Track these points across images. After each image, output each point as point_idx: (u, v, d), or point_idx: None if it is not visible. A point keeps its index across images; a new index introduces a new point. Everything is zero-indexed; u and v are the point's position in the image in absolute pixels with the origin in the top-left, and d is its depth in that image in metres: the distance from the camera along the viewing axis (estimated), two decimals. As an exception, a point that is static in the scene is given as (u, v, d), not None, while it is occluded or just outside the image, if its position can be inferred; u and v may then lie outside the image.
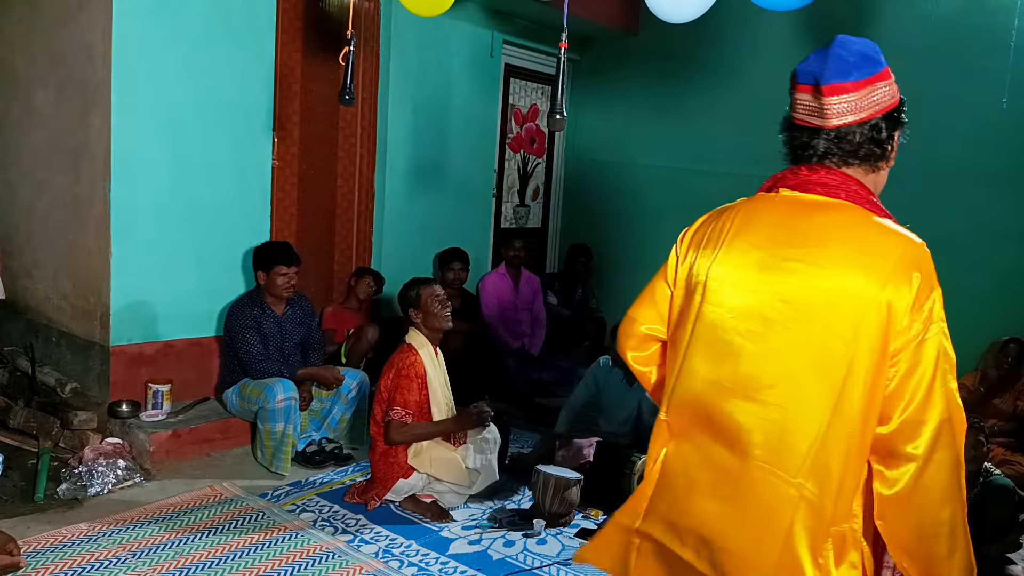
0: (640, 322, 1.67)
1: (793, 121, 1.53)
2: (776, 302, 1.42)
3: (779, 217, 1.49)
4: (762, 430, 1.39)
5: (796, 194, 1.50)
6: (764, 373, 1.41)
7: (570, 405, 4.29)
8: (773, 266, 1.44)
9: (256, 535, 3.26)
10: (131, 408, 3.95)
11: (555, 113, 2.90)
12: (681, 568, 1.49)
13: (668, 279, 1.62)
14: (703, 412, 1.47)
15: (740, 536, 1.41)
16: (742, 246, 1.48)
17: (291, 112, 4.60)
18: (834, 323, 1.36)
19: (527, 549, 3.32)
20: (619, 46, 6.52)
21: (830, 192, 1.46)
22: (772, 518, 1.38)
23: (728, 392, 1.44)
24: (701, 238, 1.56)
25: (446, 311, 3.65)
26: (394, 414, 3.45)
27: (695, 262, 1.54)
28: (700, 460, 1.48)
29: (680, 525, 1.49)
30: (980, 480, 3.46)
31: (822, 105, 1.46)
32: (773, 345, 1.41)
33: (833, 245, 1.40)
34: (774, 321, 1.41)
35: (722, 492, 1.44)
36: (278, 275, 4.04)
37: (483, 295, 5.75)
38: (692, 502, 1.48)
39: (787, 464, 1.37)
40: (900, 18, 5.15)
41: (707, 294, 1.49)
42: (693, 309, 1.52)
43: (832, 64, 1.46)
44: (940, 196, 5.03)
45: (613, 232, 6.61)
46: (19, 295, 4.66)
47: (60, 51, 4.19)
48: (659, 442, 1.57)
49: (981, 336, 4.93)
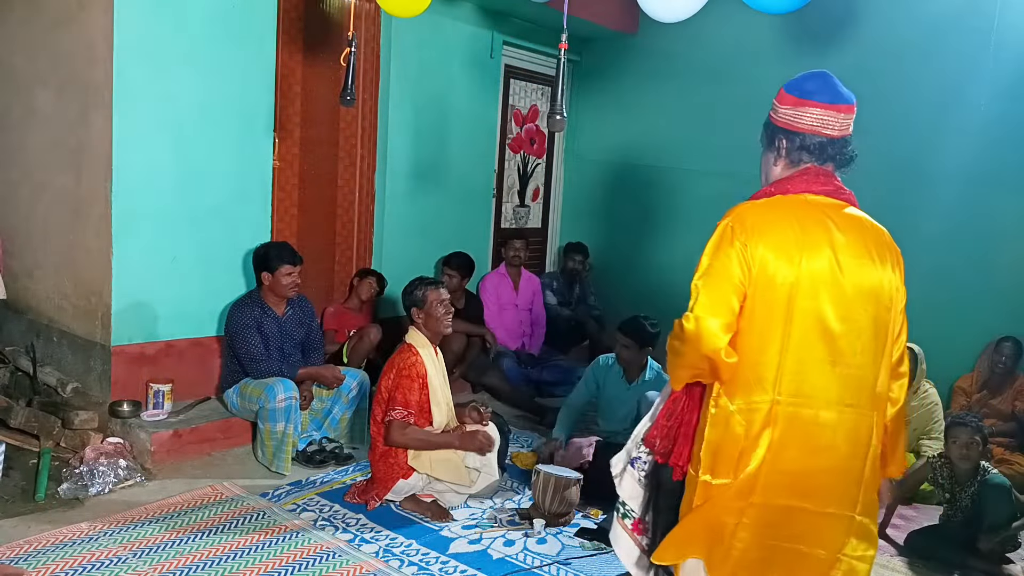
0: (726, 322, 1.87)
1: (797, 129, 1.95)
2: (855, 291, 1.87)
3: (830, 220, 1.90)
4: (851, 386, 1.88)
5: (819, 198, 1.94)
6: (853, 345, 1.87)
7: (569, 404, 4.30)
8: (846, 265, 1.88)
9: (257, 535, 3.27)
10: (132, 408, 3.95)
11: (555, 114, 2.92)
12: (793, 517, 1.89)
13: (741, 282, 1.88)
14: (812, 387, 1.86)
15: (844, 462, 1.88)
16: (819, 249, 1.87)
17: (292, 113, 4.61)
18: (883, 297, 1.91)
19: (527, 549, 3.33)
20: (618, 47, 6.53)
21: (846, 197, 1.97)
22: (861, 441, 1.90)
23: (830, 364, 1.86)
24: (772, 244, 1.87)
25: (449, 317, 3.66)
26: (395, 414, 3.46)
27: (777, 265, 1.86)
28: (811, 424, 1.86)
29: (799, 482, 1.87)
30: (977, 479, 3.47)
31: (840, 120, 1.93)
32: (855, 325, 1.87)
33: (870, 241, 1.93)
34: (854, 306, 1.87)
35: (826, 442, 1.87)
36: (283, 275, 4.05)
37: (483, 295, 5.76)
38: (809, 460, 1.87)
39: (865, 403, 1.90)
40: (895, 19, 5.16)
41: (799, 292, 1.85)
42: (783, 305, 1.85)
43: (839, 90, 1.94)
44: (938, 196, 5.04)
45: (613, 232, 6.62)
46: (20, 295, 4.67)
47: (61, 51, 4.20)
48: (756, 426, 1.87)
49: (979, 336, 4.94)
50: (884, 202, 5.09)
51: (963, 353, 4.98)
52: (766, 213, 1.90)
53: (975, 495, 3.46)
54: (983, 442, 3.49)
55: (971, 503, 3.48)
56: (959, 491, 3.53)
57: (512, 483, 3.99)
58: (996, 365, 4.80)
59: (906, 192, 5.11)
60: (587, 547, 3.36)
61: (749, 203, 1.96)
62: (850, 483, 1.90)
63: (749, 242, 1.85)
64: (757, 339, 1.87)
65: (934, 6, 5.08)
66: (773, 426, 1.86)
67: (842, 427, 1.88)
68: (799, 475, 1.88)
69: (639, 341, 4.03)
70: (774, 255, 1.84)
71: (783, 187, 1.95)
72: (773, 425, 1.86)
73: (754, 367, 1.86)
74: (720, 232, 1.90)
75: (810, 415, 1.86)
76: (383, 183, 5.21)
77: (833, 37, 5.33)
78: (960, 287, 4.94)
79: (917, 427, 4.37)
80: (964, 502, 3.51)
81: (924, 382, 4.38)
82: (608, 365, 4.22)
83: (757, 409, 1.86)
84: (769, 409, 1.85)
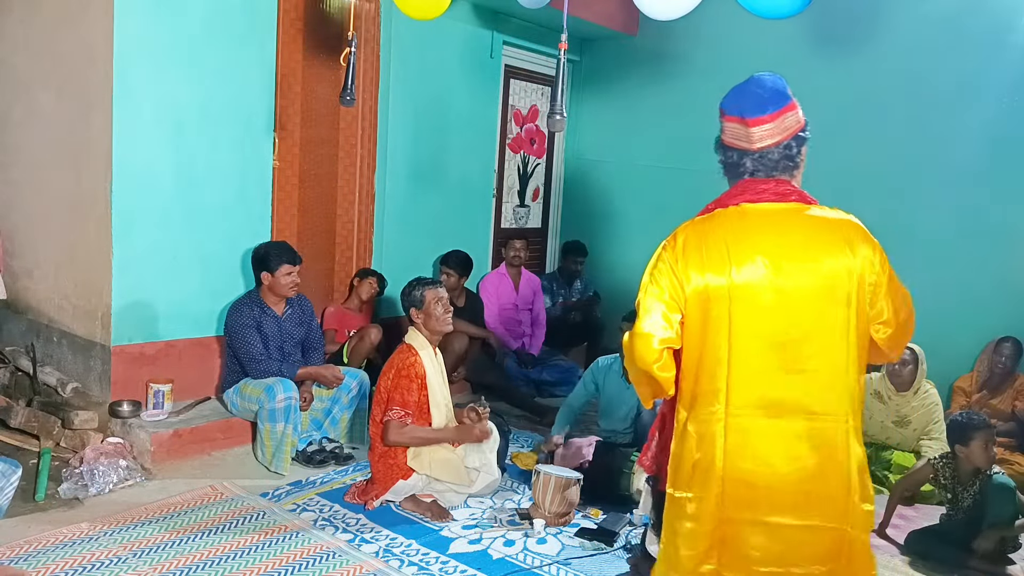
0: (657, 338, 1.89)
1: (723, 143, 1.99)
2: (800, 294, 1.83)
3: (767, 226, 1.89)
4: (814, 393, 1.83)
5: (759, 205, 1.92)
6: (805, 350, 1.82)
7: (569, 405, 4.30)
8: (787, 269, 1.84)
9: (257, 535, 3.27)
10: (132, 408, 3.95)
11: (555, 114, 2.92)
12: (776, 535, 1.84)
13: (673, 299, 1.89)
14: (763, 396, 1.83)
15: (816, 471, 1.82)
16: (750, 257, 1.85)
17: (292, 113, 4.61)
18: (839, 294, 1.83)
19: (527, 549, 3.32)
20: (618, 47, 6.53)
21: (797, 198, 1.93)
22: (838, 448, 1.83)
23: (784, 371, 1.82)
24: (699, 260, 1.88)
25: (448, 315, 3.66)
26: (392, 414, 3.46)
27: (706, 280, 1.86)
28: (767, 435, 1.83)
29: (767, 496, 1.83)
30: (980, 478, 3.46)
31: (748, 133, 1.92)
32: (807, 328, 1.83)
33: (823, 236, 1.86)
34: (802, 309, 1.83)
35: (790, 452, 1.83)
36: (284, 275, 4.05)
37: (483, 295, 5.76)
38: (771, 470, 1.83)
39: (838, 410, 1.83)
40: (898, 19, 5.15)
41: (734, 303, 1.84)
42: (722, 317, 1.85)
43: (751, 101, 1.93)
44: (938, 196, 5.04)
45: (613, 232, 6.61)
46: (20, 295, 4.68)
47: (61, 52, 4.20)
48: (708, 439, 1.86)
49: (979, 336, 4.94)
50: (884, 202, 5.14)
51: (963, 353, 4.98)
52: (698, 230, 1.93)
53: (977, 495, 3.46)
54: (992, 444, 3.49)
55: (973, 503, 3.47)
56: (961, 491, 3.52)
57: (512, 483, 3.99)
58: (996, 365, 4.80)
59: (907, 192, 5.11)
60: (587, 547, 3.35)
61: (688, 222, 2.00)
62: (832, 494, 1.83)
63: (679, 260, 1.90)
64: (701, 353, 1.89)
65: (931, 7, 5.07)
66: (726, 438, 1.85)
67: (808, 437, 1.83)
68: (765, 488, 1.84)
69: None
70: (703, 271, 1.88)
71: (722, 201, 1.98)
72: (726, 437, 1.85)
73: (704, 380, 1.88)
74: (658, 252, 1.97)
75: (764, 425, 1.84)
76: (383, 183, 5.21)
77: (833, 37, 5.33)
78: (960, 287, 4.94)
79: (917, 427, 4.37)
80: (966, 502, 3.50)
81: (924, 382, 4.38)
82: (608, 366, 4.22)
83: (708, 421, 1.87)
84: (722, 421, 1.86)
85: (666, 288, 1.90)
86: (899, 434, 4.40)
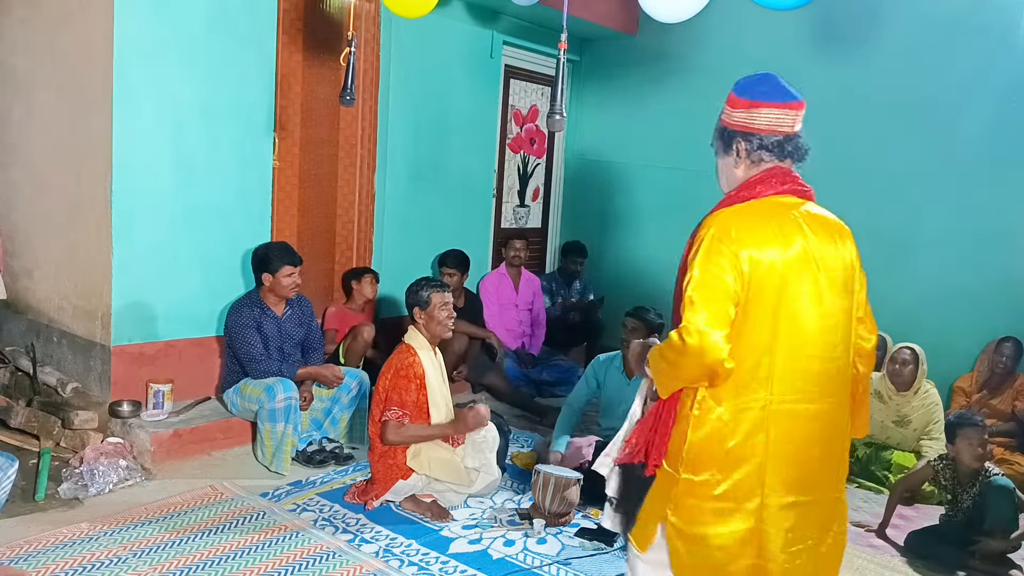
0: (724, 333, 1.88)
1: (754, 130, 2.00)
2: (828, 285, 1.93)
3: (798, 219, 1.95)
4: (832, 380, 1.95)
5: (793, 199, 1.99)
6: (832, 339, 1.93)
7: (569, 404, 4.29)
8: (820, 259, 1.93)
9: (257, 535, 3.27)
10: (132, 408, 3.95)
11: (555, 114, 2.91)
12: (808, 514, 1.94)
13: (733, 290, 1.89)
14: (801, 382, 1.91)
15: (829, 448, 1.96)
16: (795, 249, 1.91)
17: (292, 113, 4.61)
18: (849, 285, 1.97)
19: (527, 549, 3.33)
20: (618, 47, 6.53)
21: (807, 194, 2.02)
22: (840, 427, 2.00)
23: (818, 360, 1.92)
24: (756, 244, 1.90)
25: (450, 321, 3.65)
26: (390, 414, 3.45)
27: (758, 266, 1.89)
28: (803, 419, 1.92)
29: (801, 477, 1.92)
30: (980, 479, 3.47)
31: (795, 116, 1.99)
32: (836, 319, 1.94)
33: (834, 232, 1.99)
34: (833, 299, 1.93)
35: (816, 433, 1.93)
36: (284, 276, 4.05)
37: (483, 295, 5.76)
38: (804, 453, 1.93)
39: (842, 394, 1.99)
40: (898, 19, 5.16)
41: (784, 292, 1.89)
42: (770, 306, 1.89)
43: (784, 89, 2.00)
44: (938, 196, 5.04)
45: (613, 232, 6.62)
46: (20, 295, 4.68)
47: (61, 52, 4.20)
48: (747, 425, 1.90)
49: (979, 336, 4.94)
50: (884, 202, 5.15)
51: (963, 353, 4.98)
52: (745, 219, 1.94)
53: (977, 496, 3.46)
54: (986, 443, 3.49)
55: (973, 504, 3.48)
56: (961, 492, 3.52)
57: (512, 483, 4.00)
58: (996, 365, 4.80)
59: (907, 192, 5.11)
60: (587, 547, 3.35)
61: (726, 211, 1.98)
62: (835, 466, 2.01)
63: (739, 250, 1.88)
64: (748, 342, 1.90)
65: (931, 7, 5.08)
66: (768, 425, 1.90)
67: (825, 417, 1.96)
68: (800, 469, 1.93)
69: (647, 325, 3.99)
70: (761, 260, 1.89)
71: (753, 191, 1.99)
72: (768, 424, 1.90)
73: (746, 369, 1.89)
74: (708, 243, 1.91)
75: (802, 410, 1.92)
76: (383, 183, 5.21)
77: (833, 37, 5.33)
78: (960, 287, 4.94)
79: (917, 427, 4.37)
80: (966, 503, 3.50)
81: (924, 382, 4.38)
82: (608, 361, 4.21)
83: (748, 408, 1.90)
84: (763, 409, 1.89)
85: (728, 279, 1.88)
86: (899, 434, 4.40)
